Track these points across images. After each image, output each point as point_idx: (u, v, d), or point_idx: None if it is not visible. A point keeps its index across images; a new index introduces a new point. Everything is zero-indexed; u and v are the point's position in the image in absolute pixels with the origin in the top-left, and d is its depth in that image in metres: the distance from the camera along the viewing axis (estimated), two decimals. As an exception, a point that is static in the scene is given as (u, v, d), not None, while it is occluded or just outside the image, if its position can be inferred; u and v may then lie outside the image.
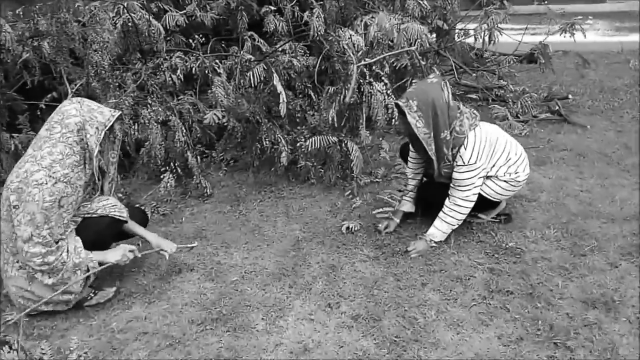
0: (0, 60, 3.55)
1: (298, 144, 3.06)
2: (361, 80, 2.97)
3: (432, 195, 2.59)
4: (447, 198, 2.42)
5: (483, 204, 2.53)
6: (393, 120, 2.94)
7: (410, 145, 2.58)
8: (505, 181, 2.45)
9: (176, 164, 3.13)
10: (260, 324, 2.06)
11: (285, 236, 2.70)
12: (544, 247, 2.46)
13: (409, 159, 2.66)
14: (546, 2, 6.59)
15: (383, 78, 2.96)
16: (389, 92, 2.94)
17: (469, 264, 2.37)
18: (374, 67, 3.05)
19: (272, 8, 3.77)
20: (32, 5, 3.43)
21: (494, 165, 2.41)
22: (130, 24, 3.73)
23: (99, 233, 2.18)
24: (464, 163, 2.29)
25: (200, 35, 4.04)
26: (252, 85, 3.18)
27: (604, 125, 4.07)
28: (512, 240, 2.51)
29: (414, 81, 3.66)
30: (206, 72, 3.69)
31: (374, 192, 3.10)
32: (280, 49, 3.56)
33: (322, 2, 3.59)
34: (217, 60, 3.73)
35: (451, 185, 2.39)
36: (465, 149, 2.27)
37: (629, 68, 5.83)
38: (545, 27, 4.86)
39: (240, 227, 2.82)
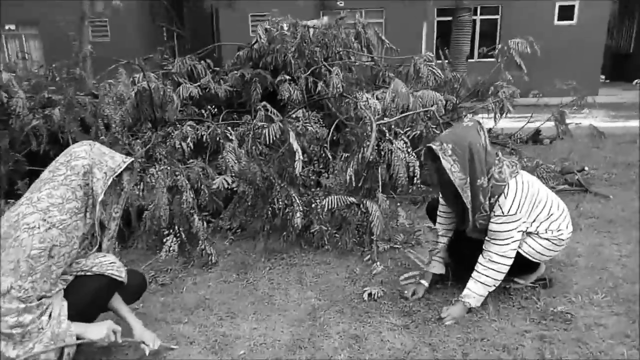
0: (7, 126, 3.49)
1: (313, 205, 2.86)
2: (380, 138, 2.85)
3: (464, 254, 2.33)
4: (481, 255, 2.16)
5: (521, 265, 2.27)
6: (415, 178, 2.78)
7: (440, 199, 2.38)
8: (546, 239, 2.21)
9: (180, 229, 2.91)
10: (273, 403, 1.71)
11: (300, 305, 2.40)
12: (595, 313, 2.16)
13: (438, 213, 2.44)
14: (542, 95, 6.81)
15: (402, 137, 2.85)
16: (409, 150, 2.81)
17: (513, 331, 2.05)
18: (392, 127, 2.95)
19: (287, 77, 3.79)
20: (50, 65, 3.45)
21: (534, 221, 2.19)
22: (144, 92, 3.73)
23: (93, 295, 1.89)
24: (502, 213, 2.07)
25: (213, 107, 4.05)
26: (267, 144, 3.06)
27: (627, 195, 3.91)
28: (558, 305, 2.21)
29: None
30: (217, 139, 3.62)
31: (395, 259, 2.84)
32: (294, 115, 3.52)
33: (340, 64, 3.61)
34: (228, 127, 3.68)
35: (486, 238, 2.15)
36: (506, 197, 2.07)
37: (637, 147, 5.84)
38: (540, 116, 4.92)
39: (247, 296, 2.52)
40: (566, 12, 12.22)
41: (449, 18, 10.93)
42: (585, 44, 11.96)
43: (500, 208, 2.08)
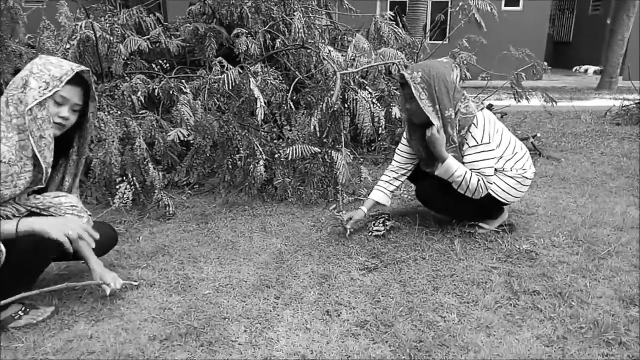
0: None
1: (276, 156, 2.75)
2: (344, 88, 2.77)
3: (432, 197, 2.32)
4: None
5: (487, 206, 2.29)
6: (379, 129, 2.73)
7: (402, 139, 2.36)
8: (511, 177, 2.23)
9: (134, 178, 2.71)
10: (242, 337, 1.62)
11: (265, 250, 2.31)
12: (557, 253, 2.21)
13: (397, 151, 2.42)
14: (489, 78, 6.99)
15: (367, 87, 2.79)
16: (373, 100, 2.75)
17: (481, 268, 2.06)
18: (356, 77, 2.88)
19: (245, 31, 3.62)
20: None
21: (500, 157, 2.21)
22: (88, 42, 3.45)
23: (43, 238, 1.59)
24: (477, 142, 2.08)
25: (165, 62, 3.80)
26: (224, 95, 2.90)
27: (576, 158, 4.07)
28: (522, 245, 2.25)
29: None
30: (170, 92, 3.40)
31: (360, 209, 2.80)
32: (252, 69, 3.36)
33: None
34: (182, 81, 3.47)
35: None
36: (477, 126, 2.08)
37: (582, 121, 6.12)
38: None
39: (209, 243, 2.39)
40: (513, -2, 12.60)
41: (404, -2, 10.99)
42: (529, 30, 12.39)
43: (474, 138, 2.08)
